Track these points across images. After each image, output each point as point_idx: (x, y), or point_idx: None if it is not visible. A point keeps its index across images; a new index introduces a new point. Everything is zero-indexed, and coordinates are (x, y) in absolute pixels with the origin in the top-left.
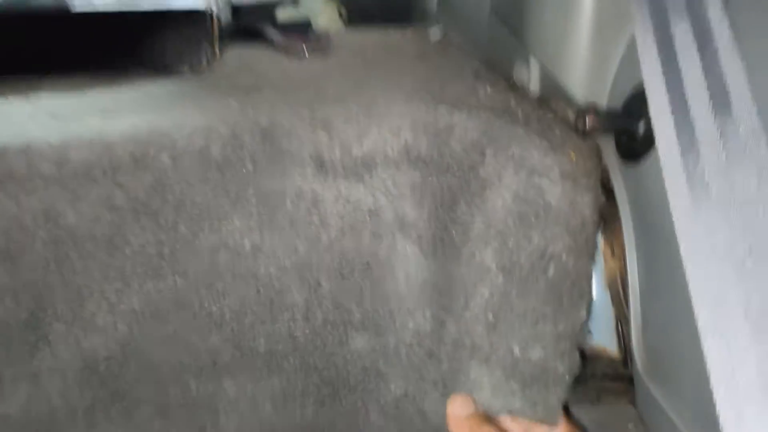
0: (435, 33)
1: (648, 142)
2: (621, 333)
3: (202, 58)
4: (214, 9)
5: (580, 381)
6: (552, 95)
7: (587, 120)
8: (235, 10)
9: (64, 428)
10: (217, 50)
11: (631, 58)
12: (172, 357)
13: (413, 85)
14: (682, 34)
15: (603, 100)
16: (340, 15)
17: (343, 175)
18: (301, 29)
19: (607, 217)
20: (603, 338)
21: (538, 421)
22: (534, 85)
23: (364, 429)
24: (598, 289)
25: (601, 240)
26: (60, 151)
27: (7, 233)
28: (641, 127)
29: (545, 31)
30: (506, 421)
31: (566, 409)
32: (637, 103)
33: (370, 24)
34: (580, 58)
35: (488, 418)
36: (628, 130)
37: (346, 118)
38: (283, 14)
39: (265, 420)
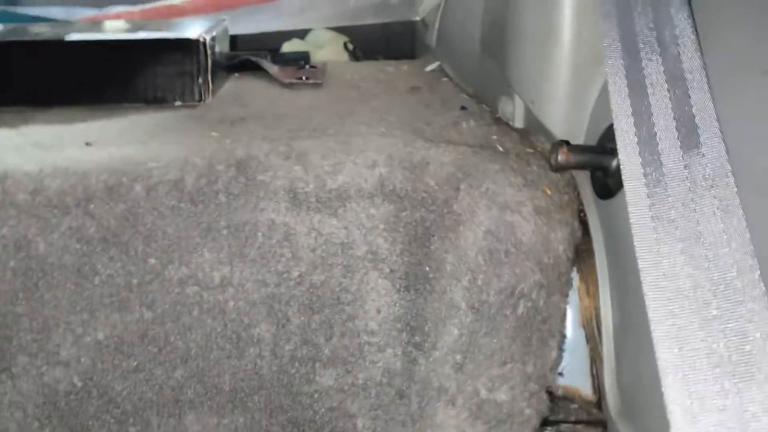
0: (430, 67)
1: (621, 178)
2: (595, 374)
3: (194, 90)
4: (208, 40)
5: (552, 423)
6: (535, 130)
7: (559, 154)
8: (235, 41)
9: None
10: (210, 82)
11: (607, 96)
12: (134, 392)
13: (398, 118)
14: (653, 72)
15: (581, 137)
16: (346, 49)
17: (316, 209)
18: (297, 61)
19: (584, 254)
20: (577, 379)
21: None
22: (518, 120)
23: None
24: (573, 327)
25: (576, 277)
26: (35, 180)
27: None
28: (614, 164)
29: (526, 68)
30: None
31: None
32: (611, 140)
33: (375, 58)
34: (558, 96)
35: None
36: (602, 167)
37: (323, 151)
38: (289, 46)
39: None
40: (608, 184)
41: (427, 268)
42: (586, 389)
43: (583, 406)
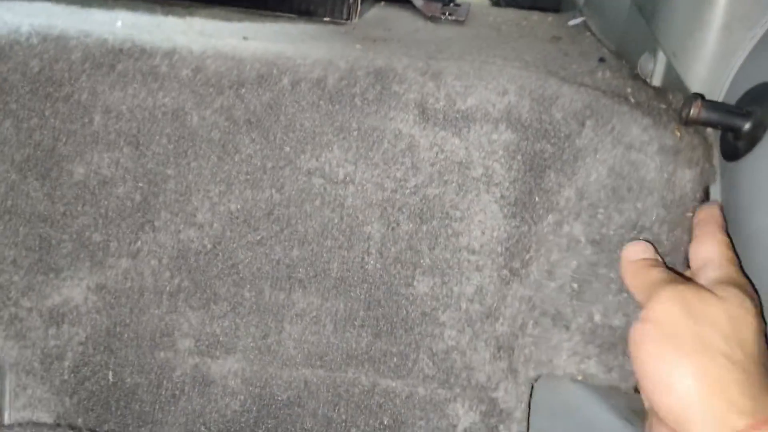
0: (574, 21)
1: (752, 140)
2: None
3: (344, 9)
4: None
5: None
6: (673, 90)
7: (692, 107)
8: None
9: (149, 306)
10: (358, 3)
11: (755, 57)
12: (254, 262)
13: (534, 59)
14: None
15: (719, 98)
16: None
17: (442, 125)
18: None
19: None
20: None
21: (611, 386)
22: (657, 78)
23: (412, 370)
24: None
25: None
26: (198, 60)
27: (140, 124)
28: (747, 126)
29: (674, 21)
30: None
31: None
32: (749, 101)
33: (520, 8)
34: (703, 53)
35: (660, 263)
36: (734, 127)
37: (457, 73)
38: None
39: (323, 338)
40: (737, 146)
41: (537, 199)
42: None
43: None
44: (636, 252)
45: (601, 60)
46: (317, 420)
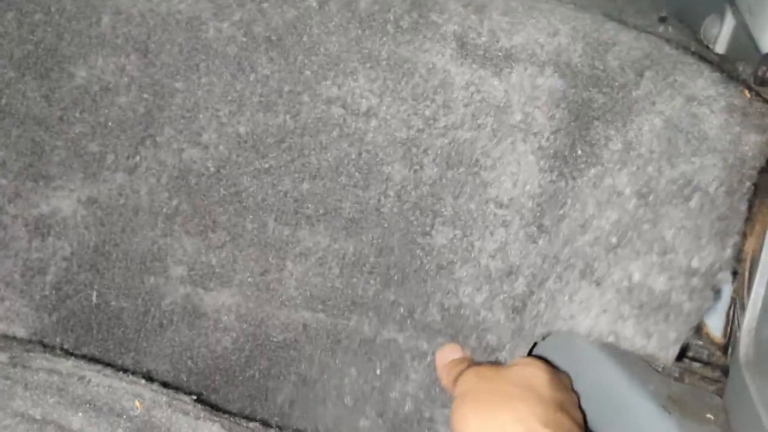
0: None
1: None
2: (731, 318)
3: None
4: None
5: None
6: (739, 58)
7: None
8: None
9: (142, 227)
10: None
11: None
12: (260, 192)
13: (588, 4)
14: None
15: None
16: None
17: (481, 63)
18: None
19: (761, 190)
20: (709, 317)
21: (648, 354)
22: (722, 44)
23: (419, 321)
24: None
25: None
26: None
27: (151, 30)
28: None
29: None
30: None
31: None
32: None
33: None
34: None
35: (468, 360)
36: None
37: (505, 9)
38: None
39: (328, 281)
40: None
41: (579, 152)
42: (716, 330)
43: (708, 346)
44: (446, 355)
45: (662, 19)
46: (313, 365)
